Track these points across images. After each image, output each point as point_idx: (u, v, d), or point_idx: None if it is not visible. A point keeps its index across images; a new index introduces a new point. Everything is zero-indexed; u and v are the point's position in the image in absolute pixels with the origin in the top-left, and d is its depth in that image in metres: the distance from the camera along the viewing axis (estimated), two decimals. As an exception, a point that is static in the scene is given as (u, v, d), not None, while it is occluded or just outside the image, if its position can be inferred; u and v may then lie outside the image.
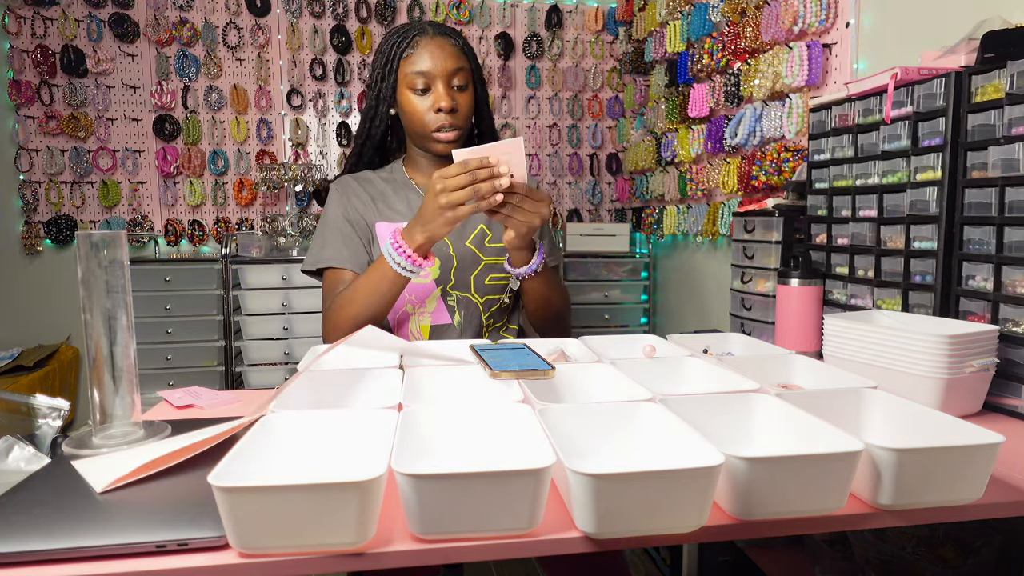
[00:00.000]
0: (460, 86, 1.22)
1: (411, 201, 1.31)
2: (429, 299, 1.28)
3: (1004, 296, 0.93)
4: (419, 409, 0.70)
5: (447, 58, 1.20)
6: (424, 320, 1.28)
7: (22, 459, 0.73)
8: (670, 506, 0.55)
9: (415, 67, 1.20)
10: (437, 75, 1.20)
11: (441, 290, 1.27)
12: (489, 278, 1.30)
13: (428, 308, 1.28)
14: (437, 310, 1.28)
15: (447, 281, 1.27)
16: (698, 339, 1.13)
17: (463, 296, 1.28)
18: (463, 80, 1.22)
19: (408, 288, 1.24)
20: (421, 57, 1.20)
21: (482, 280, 1.30)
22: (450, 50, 1.21)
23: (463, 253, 1.28)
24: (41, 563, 0.53)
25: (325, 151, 3.18)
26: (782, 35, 1.93)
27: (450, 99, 1.20)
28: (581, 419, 0.70)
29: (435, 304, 1.28)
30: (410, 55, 1.21)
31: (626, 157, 3.22)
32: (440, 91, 1.20)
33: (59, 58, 2.89)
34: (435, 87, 1.20)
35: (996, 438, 0.60)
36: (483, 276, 1.30)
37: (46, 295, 3.01)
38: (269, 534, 0.52)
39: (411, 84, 1.21)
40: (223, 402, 0.99)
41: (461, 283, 1.28)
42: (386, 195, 1.31)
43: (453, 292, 1.28)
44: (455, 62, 1.21)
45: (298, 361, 2.19)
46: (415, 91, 1.21)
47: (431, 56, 1.20)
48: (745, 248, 1.63)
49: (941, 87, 1.02)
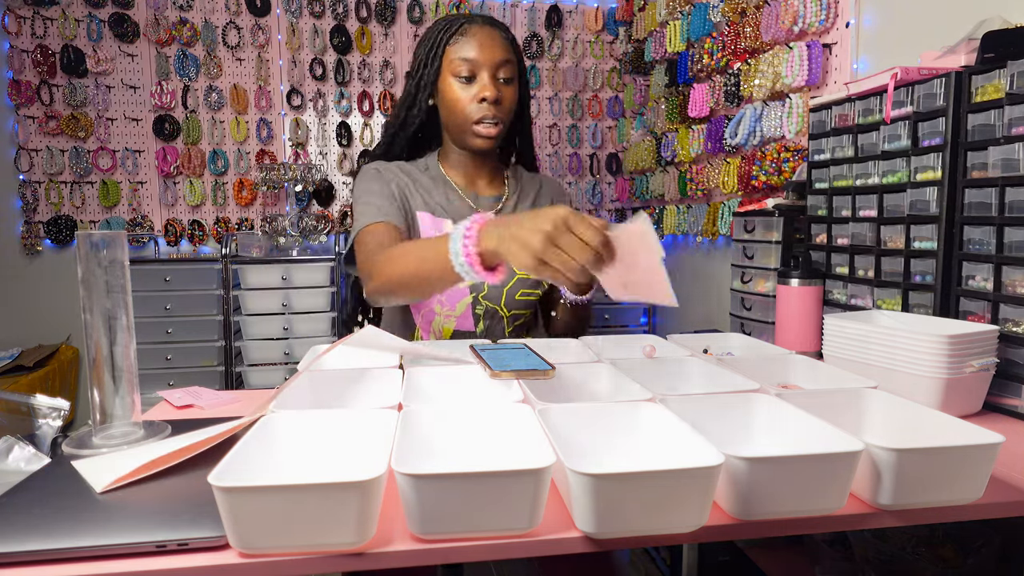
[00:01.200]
0: (506, 79, 1.17)
1: (450, 198, 1.25)
2: (460, 303, 1.24)
3: (1004, 296, 0.93)
4: (419, 409, 0.70)
5: (496, 48, 1.15)
6: (449, 323, 1.25)
7: (22, 459, 0.73)
8: (670, 506, 0.55)
9: (461, 53, 1.15)
10: (484, 64, 1.15)
11: (473, 297, 1.24)
12: (520, 292, 1.27)
13: (456, 312, 1.24)
14: (464, 316, 1.25)
15: (480, 290, 1.24)
16: (698, 339, 1.13)
17: (492, 307, 1.26)
18: (510, 73, 1.18)
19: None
20: (469, 44, 1.15)
21: (513, 294, 1.26)
22: (499, 41, 1.17)
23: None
24: (41, 563, 0.53)
25: (325, 151, 3.18)
26: (782, 35, 1.93)
27: (495, 90, 1.15)
28: (581, 419, 0.70)
29: (463, 309, 1.24)
30: (457, 41, 1.16)
31: (626, 157, 3.22)
32: (486, 80, 1.15)
33: (59, 58, 2.89)
34: (480, 76, 1.15)
35: (996, 438, 0.60)
36: (515, 290, 1.27)
37: (46, 295, 3.01)
38: (269, 534, 0.52)
39: (456, 71, 1.16)
40: (223, 402, 0.99)
41: (493, 294, 1.25)
42: (426, 186, 1.26)
43: (484, 301, 1.25)
44: (503, 53, 1.16)
45: (298, 361, 2.19)
46: (459, 79, 1.16)
47: (480, 44, 1.15)
48: (745, 248, 1.63)
49: (941, 87, 1.02)
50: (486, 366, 0.87)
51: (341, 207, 3.20)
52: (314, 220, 3.01)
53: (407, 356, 1.00)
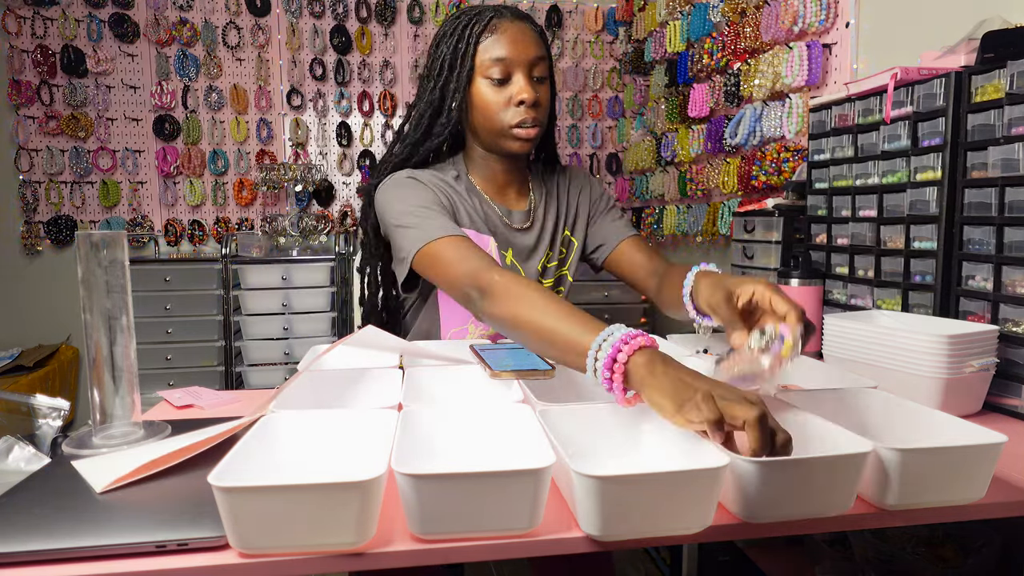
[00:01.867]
0: (541, 78, 1.08)
1: (477, 210, 1.15)
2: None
3: (1004, 296, 0.93)
4: (419, 409, 0.70)
5: (529, 45, 1.06)
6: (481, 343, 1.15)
7: (22, 459, 0.73)
8: (676, 508, 0.55)
9: (493, 52, 1.05)
10: (518, 63, 1.05)
11: None
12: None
13: (490, 331, 1.17)
14: (497, 334, 1.16)
15: None
16: (698, 339, 1.12)
17: None
18: (543, 71, 1.08)
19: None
20: (500, 42, 1.05)
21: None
22: (531, 36, 1.07)
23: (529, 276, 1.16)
24: (41, 563, 0.52)
25: (325, 151, 3.18)
26: (782, 35, 1.93)
27: (533, 91, 1.06)
28: (581, 419, 0.70)
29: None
30: (487, 39, 1.06)
31: (626, 157, 3.22)
32: (522, 82, 1.06)
33: (59, 58, 2.89)
34: (516, 77, 1.06)
35: (999, 438, 0.60)
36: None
37: (46, 295, 3.01)
38: (269, 534, 0.52)
39: (487, 72, 1.06)
40: (223, 402, 0.99)
41: None
42: (463, 197, 1.15)
43: None
44: (537, 49, 1.07)
45: (298, 361, 2.19)
46: (491, 80, 1.06)
47: (513, 41, 1.05)
48: (745, 248, 1.63)
49: (941, 87, 1.02)
50: (486, 366, 0.87)
51: (341, 207, 3.20)
52: (314, 220, 3.01)
53: (407, 356, 1.00)
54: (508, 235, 1.18)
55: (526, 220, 1.20)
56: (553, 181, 1.26)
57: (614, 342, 0.68)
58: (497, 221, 1.17)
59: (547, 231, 1.22)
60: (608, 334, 0.70)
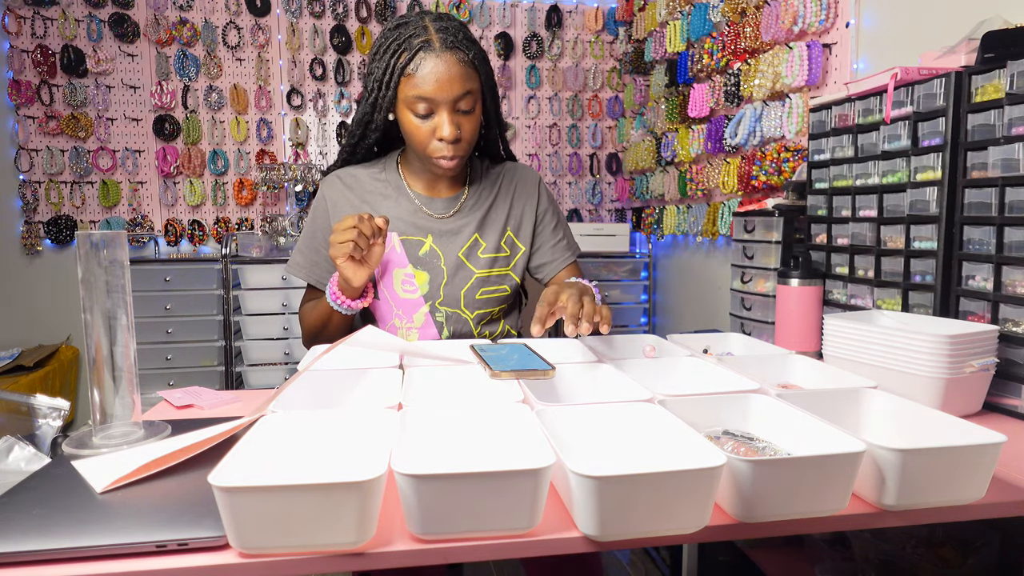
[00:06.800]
0: (466, 110, 1.10)
1: (401, 206, 1.23)
2: (417, 315, 1.22)
3: (1004, 296, 0.93)
4: (419, 409, 0.70)
5: (453, 82, 1.06)
6: (412, 336, 1.23)
7: (22, 459, 0.73)
8: (673, 507, 0.55)
9: (417, 90, 1.06)
10: (441, 102, 1.07)
11: (429, 306, 1.21)
12: (481, 292, 1.23)
13: (416, 324, 1.22)
14: (425, 325, 1.22)
15: (436, 297, 1.21)
16: (698, 339, 1.13)
17: (452, 312, 1.22)
18: (470, 104, 1.10)
19: (396, 303, 1.21)
20: (425, 80, 1.05)
21: (473, 295, 1.23)
22: (457, 71, 1.06)
23: (454, 266, 1.22)
24: (41, 563, 0.53)
25: (325, 151, 3.18)
26: (782, 35, 1.93)
27: (454, 128, 1.08)
28: (581, 419, 0.70)
29: (423, 320, 1.22)
30: (411, 75, 1.06)
31: (626, 157, 3.22)
32: (444, 120, 1.08)
33: (59, 58, 2.89)
34: (439, 114, 1.08)
35: (999, 438, 0.61)
36: (474, 291, 1.23)
37: (46, 295, 3.01)
38: (269, 534, 0.52)
39: (412, 107, 1.08)
40: (223, 402, 0.99)
41: (451, 298, 1.22)
42: (375, 198, 1.24)
43: (442, 308, 1.22)
44: (462, 86, 1.07)
45: (298, 361, 2.19)
46: (416, 114, 1.09)
47: (436, 80, 1.05)
48: (745, 248, 1.63)
49: (941, 87, 1.02)
50: (486, 366, 0.87)
51: (341, 207, 3.20)
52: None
53: (407, 356, 1.00)
54: (427, 223, 1.23)
55: (452, 206, 1.25)
56: (497, 175, 1.30)
57: (329, 290, 1.13)
58: (416, 211, 1.24)
59: (474, 219, 1.24)
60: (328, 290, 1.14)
